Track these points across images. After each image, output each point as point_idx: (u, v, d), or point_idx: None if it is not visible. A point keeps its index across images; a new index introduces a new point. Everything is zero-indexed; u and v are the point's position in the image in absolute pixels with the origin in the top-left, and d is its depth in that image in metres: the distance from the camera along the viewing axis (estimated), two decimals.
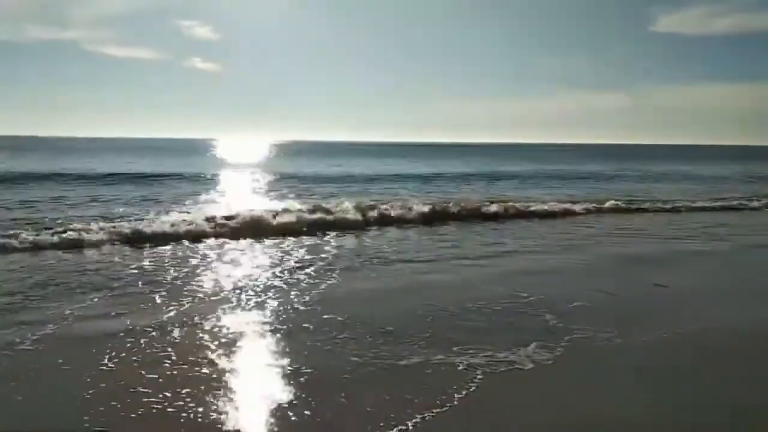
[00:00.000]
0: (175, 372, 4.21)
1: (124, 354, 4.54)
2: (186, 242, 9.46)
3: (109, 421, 3.48)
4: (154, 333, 5.02)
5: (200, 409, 3.64)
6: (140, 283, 6.80)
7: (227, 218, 10.96)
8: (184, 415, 3.59)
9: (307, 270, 7.57)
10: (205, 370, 4.24)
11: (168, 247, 9.04)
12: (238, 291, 6.47)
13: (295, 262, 8.06)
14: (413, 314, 5.73)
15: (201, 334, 5.03)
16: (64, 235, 9.20)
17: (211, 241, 9.70)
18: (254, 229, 10.41)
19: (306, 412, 3.63)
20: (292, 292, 6.44)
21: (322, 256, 8.57)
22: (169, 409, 3.65)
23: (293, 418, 3.57)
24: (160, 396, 3.81)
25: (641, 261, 8.73)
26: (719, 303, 6.39)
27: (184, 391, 3.89)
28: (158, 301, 6.04)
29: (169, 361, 4.40)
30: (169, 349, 4.64)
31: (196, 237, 9.78)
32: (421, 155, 60.55)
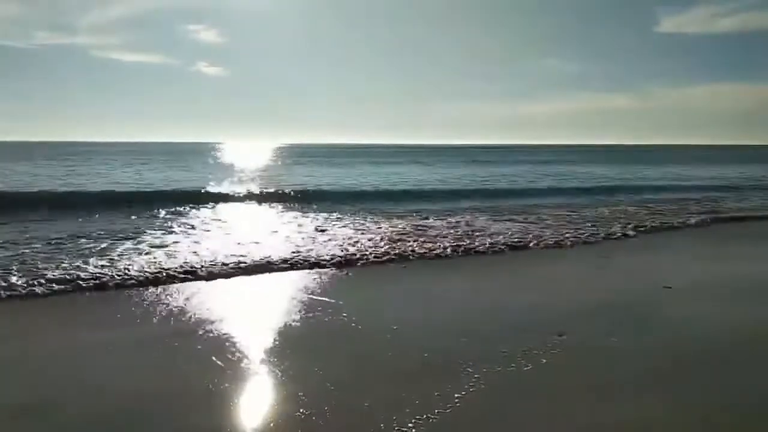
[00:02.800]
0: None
1: None
2: None
3: None
4: None
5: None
6: None
7: None
8: None
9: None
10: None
11: None
12: None
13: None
14: (413, 315, 5.76)
15: None
16: None
17: None
18: None
19: (306, 412, 3.65)
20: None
21: None
22: None
23: (293, 419, 3.59)
24: None
25: None
26: None
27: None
28: None
29: None
30: None
31: None
32: (427, 158, 60.52)
